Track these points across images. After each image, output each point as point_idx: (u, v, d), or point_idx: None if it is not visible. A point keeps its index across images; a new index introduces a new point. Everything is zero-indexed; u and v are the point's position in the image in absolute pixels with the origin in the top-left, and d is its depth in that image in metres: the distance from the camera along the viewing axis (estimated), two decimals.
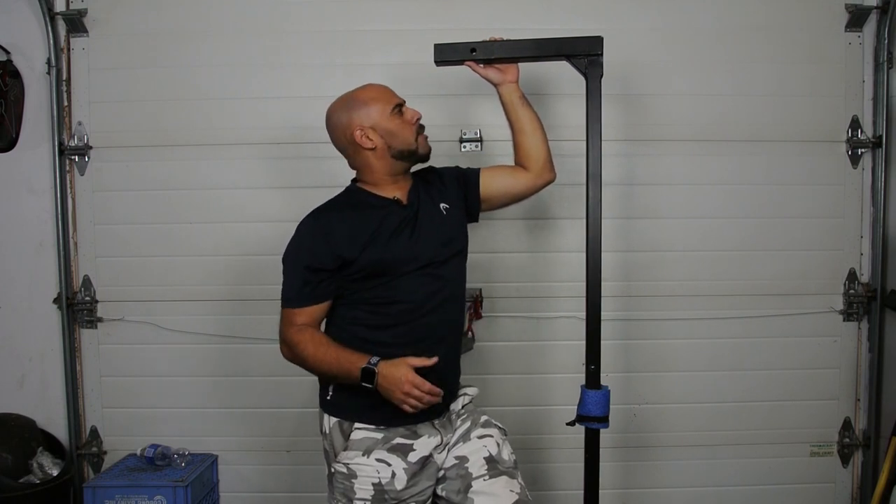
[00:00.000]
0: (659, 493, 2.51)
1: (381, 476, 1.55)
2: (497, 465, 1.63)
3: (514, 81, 1.76)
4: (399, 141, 1.63)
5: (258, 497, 2.51)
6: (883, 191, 2.39)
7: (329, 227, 1.58)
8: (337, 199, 1.69)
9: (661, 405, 2.48)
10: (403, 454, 1.57)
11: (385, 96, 1.65)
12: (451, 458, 1.66)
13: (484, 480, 1.60)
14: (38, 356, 2.46)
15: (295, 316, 1.59)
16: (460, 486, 1.61)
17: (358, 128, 1.61)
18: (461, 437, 1.68)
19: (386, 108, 1.62)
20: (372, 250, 1.57)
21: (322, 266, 1.56)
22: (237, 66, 2.39)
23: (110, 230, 2.44)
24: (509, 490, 1.59)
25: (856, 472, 2.51)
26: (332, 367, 1.53)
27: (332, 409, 1.64)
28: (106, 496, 2.23)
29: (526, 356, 2.46)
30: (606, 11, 2.38)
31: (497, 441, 1.68)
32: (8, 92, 2.33)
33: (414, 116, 1.66)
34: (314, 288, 1.57)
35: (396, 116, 1.63)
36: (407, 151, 1.65)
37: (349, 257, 1.56)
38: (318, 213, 1.64)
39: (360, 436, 1.58)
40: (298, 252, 1.59)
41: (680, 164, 2.42)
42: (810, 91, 2.40)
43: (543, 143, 1.79)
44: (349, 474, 1.56)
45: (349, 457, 1.57)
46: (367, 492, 1.55)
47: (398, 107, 1.64)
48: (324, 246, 1.56)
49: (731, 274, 2.44)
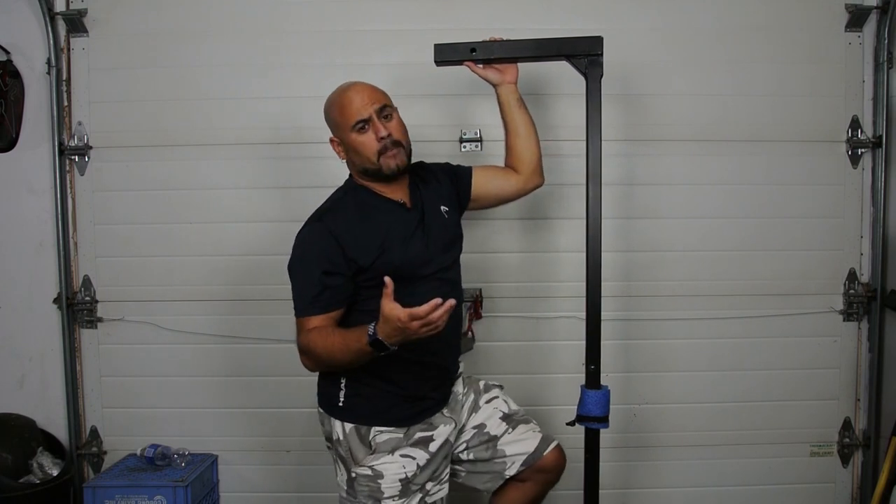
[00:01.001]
0: (659, 493, 2.51)
1: (406, 471, 1.58)
2: (512, 417, 1.78)
3: (512, 82, 1.78)
4: (360, 159, 1.59)
5: (258, 497, 2.51)
6: (883, 191, 2.39)
7: (337, 230, 1.53)
8: (338, 200, 1.64)
9: (661, 405, 2.48)
10: (425, 446, 1.61)
11: (350, 110, 1.56)
12: (469, 429, 1.76)
13: (508, 434, 1.75)
14: (38, 356, 2.46)
15: (310, 323, 1.53)
16: (487, 447, 1.74)
17: (333, 139, 1.64)
18: (471, 409, 1.79)
19: (348, 125, 1.56)
20: (389, 255, 1.54)
21: (336, 269, 1.51)
22: (237, 66, 2.39)
23: (110, 230, 2.44)
24: (532, 431, 1.78)
25: (856, 472, 2.50)
26: (343, 351, 1.46)
27: (347, 415, 1.61)
28: (106, 496, 2.23)
29: (526, 356, 2.46)
30: (606, 11, 2.37)
31: (503, 398, 1.83)
32: (8, 92, 2.33)
33: (379, 134, 1.55)
34: (330, 294, 1.52)
35: (359, 133, 1.56)
36: (371, 170, 1.59)
37: (363, 264, 1.52)
38: (323, 215, 1.58)
39: (384, 438, 1.59)
40: (308, 258, 1.53)
41: (680, 164, 2.42)
42: (810, 91, 2.40)
43: (535, 148, 1.81)
44: (375, 475, 1.57)
45: (375, 458, 1.58)
46: (395, 488, 1.57)
47: (362, 123, 1.56)
48: (336, 249, 1.51)
49: (731, 274, 2.44)
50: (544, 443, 1.76)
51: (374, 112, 1.56)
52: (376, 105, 1.57)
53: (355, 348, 1.43)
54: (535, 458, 1.74)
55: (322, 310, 1.52)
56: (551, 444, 1.77)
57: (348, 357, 1.47)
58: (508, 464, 1.74)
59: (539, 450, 1.74)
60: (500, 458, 1.74)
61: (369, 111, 1.56)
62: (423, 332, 1.33)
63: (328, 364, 1.53)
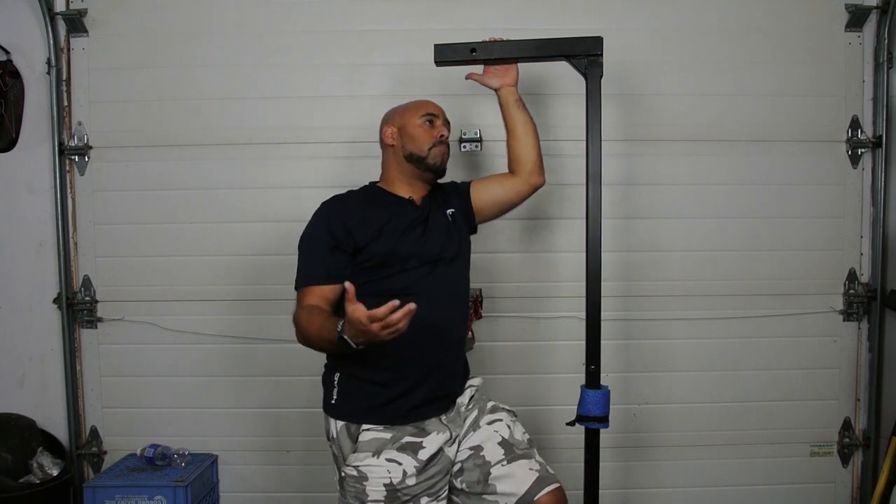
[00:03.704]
0: (659, 493, 2.51)
1: (392, 476, 1.55)
2: (513, 447, 1.67)
3: (512, 84, 1.80)
4: (412, 145, 1.72)
5: (258, 497, 2.51)
6: (883, 191, 2.39)
7: (346, 209, 1.66)
8: (353, 191, 1.78)
9: (661, 405, 2.48)
10: (413, 452, 1.58)
11: (425, 106, 1.76)
12: (465, 449, 1.69)
13: (502, 466, 1.64)
14: (38, 356, 2.46)
15: (306, 296, 1.59)
16: (479, 476, 1.64)
17: (389, 125, 1.76)
18: (471, 427, 1.71)
19: (418, 113, 1.74)
20: (383, 240, 1.61)
21: (338, 244, 1.60)
22: (237, 66, 2.39)
23: (110, 230, 2.44)
24: (528, 469, 1.63)
25: (856, 472, 2.51)
26: (318, 336, 1.49)
27: (338, 413, 1.64)
28: (106, 496, 2.23)
29: (526, 356, 2.46)
30: (606, 11, 2.38)
31: (507, 423, 1.72)
32: (8, 92, 2.33)
33: (439, 132, 1.74)
34: (329, 265, 1.60)
35: (423, 124, 1.73)
36: (416, 157, 1.72)
37: (361, 242, 1.61)
38: (335, 198, 1.72)
39: (368, 437, 1.59)
40: (315, 231, 1.64)
41: (680, 164, 2.42)
42: (810, 91, 2.40)
43: (534, 148, 1.82)
44: (360, 477, 1.56)
45: (359, 459, 1.57)
46: (380, 493, 1.55)
47: (429, 116, 1.74)
48: (340, 224, 1.61)
49: (731, 274, 2.44)
50: (539, 485, 1.61)
51: (442, 115, 1.79)
52: (443, 113, 1.80)
53: (328, 338, 1.45)
54: (526, 500, 1.60)
55: (318, 280, 1.59)
56: (548, 486, 1.61)
57: (322, 344, 1.51)
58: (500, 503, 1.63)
59: (531, 492, 1.60)
60: (491, 496, 1.63)
61: (440, 112, 1.79)
62: (385, 334, 1.32)
63: (309, 344, 1.55)
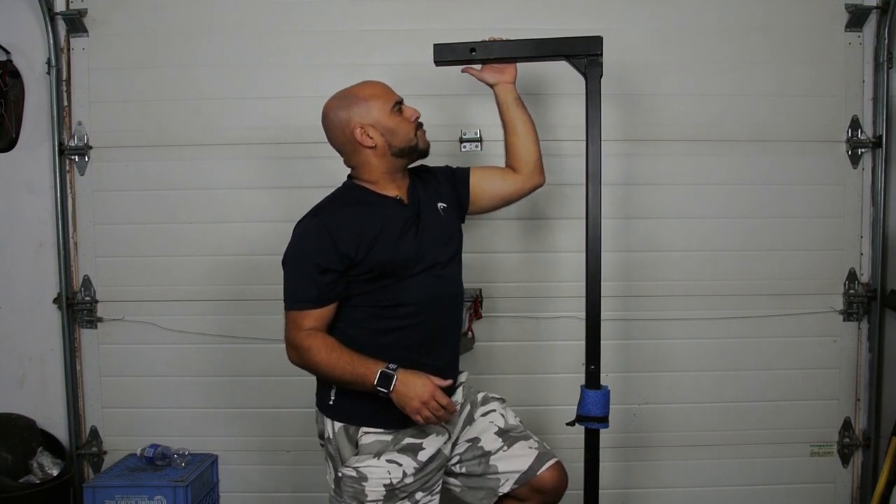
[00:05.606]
0: (659, 493, 2.51)
1: (391, 476, 1.55)
2: (509, 433, 1.73)
3: (510, 82, 1.77)
4: (399, 139, 1.62)
5: (258, 497, 2.51)
6: (883, 191, 2.39)
7: (334, 225, 1.54)
8: (336, 197, 1.66)
9: (661, 405, 2.48)
10: (414, 454, 1.58)
11: (385, 94, 1.64)
12: (463, 442, 1.72)
13: (503, 451, 1.70)
14: (38, 356, 2.46)
15: (303, 319, 1.54)
16: (480, 459, 1.69)
17: (358, 126, 1.59)
18: (466, 422, 1.73)
19: (386, 105, 1.61)
20: (379, 251, 1.55)
21: (330, 266, 1.52)
22: (237, 66, 2.39)
23: (110, 230, 2.44)
24: (528, 447, 1.71)
25: (856, 472, 2.50)
26: (345, 372, 1.49)
27: (336, 414, 1.62)
28: (106, 496, 2.23)
29: (526, 356, 2.46)
30: (606, 11, 2.37)
31: (500, 412, 1.77)
32: (8, 92, 2.33)
33: (413, 115, 1.65)
34: (323, 289, 1.53)
35: (396, 114, 1.62)
36: (408, 148, 1.64)
37: (356, 258, 1.53)
38: (319, 211, 1.61)
39: (369, 440, 1.58)
40: (303, 252, 1.54)
41: (680, 164, 2.41)
42: (810, 91, 2.40)
43: (534, 146, 1.80)
44: (359, 477, 1.56)
45: (359, 460, 1.57)
46: (379, 493, 1.55)
47: (398, 104, 1.63)
48: (330, 245, 1.52)
49: (731, 274, 2.44)
50: (540, 461, 1.69)
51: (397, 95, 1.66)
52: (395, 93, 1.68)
53: (360, 373, 1.48)
54: (528, 476, 1.68)
55: (314, 304, 1.54)
56: (548, 462, 1.70)
57: (346, 377, 1.51)
58: (502, 481, 1.69)
59: (533, 468, 1.68)
60: (492, 475, 1.69)
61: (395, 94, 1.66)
62: (420, 408, 1.44)
63: (320, 373, 1.56)
